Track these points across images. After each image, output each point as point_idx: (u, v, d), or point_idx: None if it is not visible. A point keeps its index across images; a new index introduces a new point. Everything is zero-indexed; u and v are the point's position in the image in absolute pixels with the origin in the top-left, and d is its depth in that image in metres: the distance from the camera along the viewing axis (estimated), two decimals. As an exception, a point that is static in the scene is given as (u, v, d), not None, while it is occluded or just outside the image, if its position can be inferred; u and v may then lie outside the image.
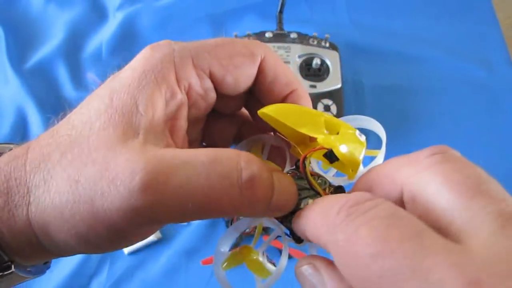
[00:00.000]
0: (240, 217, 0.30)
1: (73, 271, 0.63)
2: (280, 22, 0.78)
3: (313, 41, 0.76)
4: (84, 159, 0.24)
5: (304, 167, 0.27)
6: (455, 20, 0.88)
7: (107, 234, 0.24)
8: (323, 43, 0.76)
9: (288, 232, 0.28)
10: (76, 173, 0.23)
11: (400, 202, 0.22)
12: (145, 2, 0.91)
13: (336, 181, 0.29)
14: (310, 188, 0.28)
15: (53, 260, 0.64)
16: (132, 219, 0.23)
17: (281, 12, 0.78)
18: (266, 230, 0.64)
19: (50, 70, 0.82)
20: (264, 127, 0.32)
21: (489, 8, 0.90)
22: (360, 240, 0.18)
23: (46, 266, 0.30)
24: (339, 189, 0.28)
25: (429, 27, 0.87)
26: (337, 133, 0.27)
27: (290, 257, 0.66)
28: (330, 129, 0.28)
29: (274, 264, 0.30)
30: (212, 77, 0.28)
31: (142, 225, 0.24)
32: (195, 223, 0.67)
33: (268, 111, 0.28)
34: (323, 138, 0.26)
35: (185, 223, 0.67)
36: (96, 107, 0.26)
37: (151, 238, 0.65)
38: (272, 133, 0.33)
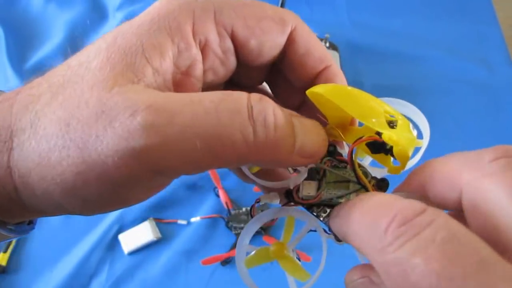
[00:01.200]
0: (261, 207, 0.28)
1: (73, 271, 0.63)
2: (280, 22, 0.78)
3: (313, 41, 0.76)
4: (76, 100, 0.21)
5: (352, 158, 0.25)
6: (455, 20, 0.88)
7: (97, 184, 0.21)
8: (323, 43, 0.76)
9: (327, 228, 0.26)
10: (67, 115, 0.21)
11: (458, 205, 0.21)
12: (145, 2, 0.91)
13: (373, 172, 0.27)
14: (352, 181, 0.26)
15: (53, 260, 0.65)
16: (130, 166, 0.20)
17: (281, 12, 0.78)
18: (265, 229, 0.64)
19: (50, 70, 0.82)
20: (286, 106, 0.31)
21: (489, 8, 0.90)
22: (416, 272, 0.16)
23: (30, 226, 0.28)
24: (383, 183, 0.26)
25: (429, 27, 0.87)
26: (392, 124, 0.24)
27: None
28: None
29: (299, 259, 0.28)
30: (234, 38, 0.25)
31: (141, 177, 0.21)
32: (195, 223, 0.67)
33: (325, 93, 0.24)
34: (388, 135, 0.24)
35: (185, 223, 0.67)
36: (97, 46, 0.23)
37: (151, 238, 0.65)
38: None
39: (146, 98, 0.21)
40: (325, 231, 0.26)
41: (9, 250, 0.65)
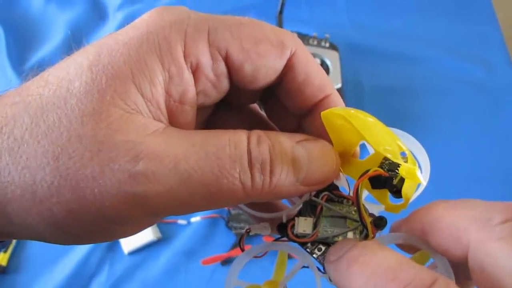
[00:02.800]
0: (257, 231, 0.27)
1: (73, 271, 0.63)
2: (280, 22, 0.78)
3: (313, 41, 0.76)
4: (65, 132, 0.19)
5: (358, 194, 0.23)
6: (455, 20, 0.88)
7: (89, 222, 0.20)
8: (323, 43, 0.76)
9: (321, 267, 0.25)
10: (55, 148, 0.19)
11: (461, 260, 0.20)
12: (145, 2, 0.91)
13: (369, 208, 0.26)
14: (349, 218, 0.25)
15: (53, 260, 0.65)
16: (129, 209, 0.20)
17: (281, 12, 0.78)
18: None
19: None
20: (279, 126, 0.29)
21: (489, 8, 0.90)
22: None
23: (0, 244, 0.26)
24: (381, 221, 0.25)
25: (429, 27, 0.87)
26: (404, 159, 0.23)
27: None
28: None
29: None
30: (228, 61, 0.23)
31: (139, 218, 0.22)
32: (196, 223, 0.67)
33: (346, 114, 0.23)
34: (408, 168, 0.22)
35: (186, 223, 0.67)
36: (79, 62, 0.21)
37: (151, 238, 0.65)
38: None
39: (148, 142, 0.20)
40: (319, 269, 0.25)
41: (9, 250, 0.65)
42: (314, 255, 0.25)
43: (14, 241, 0.66)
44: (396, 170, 0.24)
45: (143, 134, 0.20)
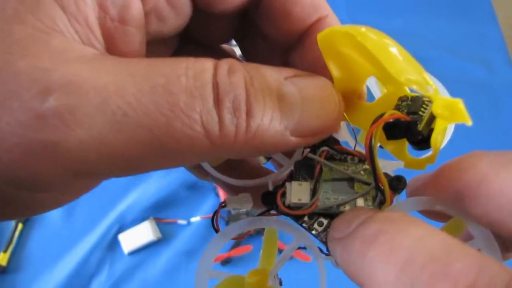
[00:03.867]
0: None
1: (73, 271, 0.63)
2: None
3: (313, 41, 0.76)
4: None
5: (372, 146, 0.17)
6: (455, 20, 0.88)
7: None
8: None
9: (323, 247, 0.19)
10: None
11: None
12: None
13: (383, 166, 0.20)
14: (358, 179, 0.19)
15: (53, 260, 0.65)
16: (39, 166, 0.14)
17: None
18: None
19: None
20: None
21: (489, 8, 0.90)
22: None
23: None
24: (399, 183, 0.19)
25: (429, 27, 0.87)
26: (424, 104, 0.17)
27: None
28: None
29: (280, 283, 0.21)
30: None
31: (56, 179, 0.15)
32: (196, 223, 0.67)
33: (354, 32, 0.17)
34: (445, 102, 0.16)
35: (186, 223, 0.67)
36: None
37: (151, 238, 0.65)
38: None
39: (64, 69, 0.14)
40: (320, 250, 0.19)
41: (9, 250, 0.65)
42: (314, 232, 0.19)
43: (14, 241, 0.66)
44: (421, 112, 0.17)
45: (61, 59, 0.15)
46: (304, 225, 0.20)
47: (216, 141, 0.16)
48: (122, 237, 0.66)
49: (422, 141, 0.18)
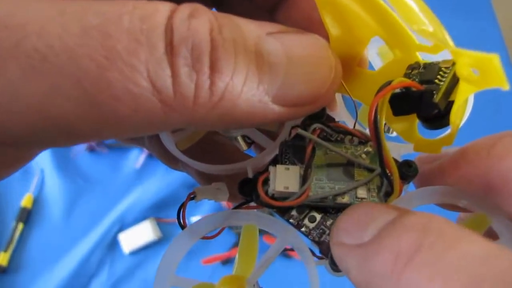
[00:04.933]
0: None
1: (73, 271, 0.63)
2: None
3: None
4: None
5: (376, 121, 0.13)
6: (454, 20, 0.88)
7: None
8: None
9: (316, 249, 0.16)
10: None
11: None
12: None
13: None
14: (359, 164, 0.16)
15: (53, 260, 0.65)
16: None
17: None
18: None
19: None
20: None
21: (489, 9, 0.90)
22: None
23: None
24: (409, 169, 0.16)
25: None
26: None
27: (287, 256, 0.65)
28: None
29: None
30: None
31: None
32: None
33: None
34: (476, 57, 0.12)
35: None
36: None
37: (152, 237, 0.65)
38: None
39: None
40: (313, 253, 0.16)
41: (10, 250, 0.65)
42: (304, 229, 0.16)
43: (14, 241, 0.66)
44: (437, 80, 0.14)
45: None
46: (291, 220, 0.16)
47: (169, 102, 0.12)
48: (122, 237, 0.66)
49: (437, 118, 0.14)
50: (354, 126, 0.17)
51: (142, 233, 0.65)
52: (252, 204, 0.16)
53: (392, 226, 0.13)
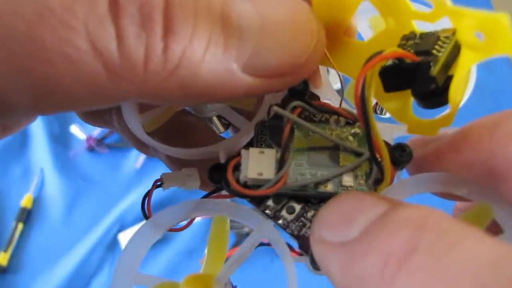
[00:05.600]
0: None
1: (73, 271, 0.64)
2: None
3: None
4: None
5: (364, 96, 0.12)
6: (455, 20, 0.89)
7: None
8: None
9: (295, 244, 0.14)
10: None
11: None
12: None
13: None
14: (344, 146, 0.14)
15: (53, 260, 0.65)
16: None
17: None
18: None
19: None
20: None
21: (489, 8, 0.90)
22: None
23: None
24: (402, 154, 0.14)
25: (428, 27, 0.87)
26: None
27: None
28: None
29: None
30: None
31: None
32: (196, 222, 0.67)
33: None
34: (473, 25, 0.11)
35: (184, 221, 0.67)
36: None
37: (151, 238, 0.65)
38: None
39: None
40: (290, 248, 0.14)
41: (10, 250, 0.65)
42: (281, 222, 0.14)
43: (14, 241, 0.66)
44: (435, 51, 0.12)
45: None
46: (267, 211, 0.14)
47: (115, 68, 0.10)
48: (122, 236, 0.66)
49: (434, 94, 0.12)
50: (340, 105, 0.15)
51: (142, 233, 0.65)
52: (224, 193, 0.15)
53: (383, 221, 0.11)
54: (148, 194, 0.16)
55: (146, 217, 0.15)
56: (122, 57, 0.10)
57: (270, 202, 0.14)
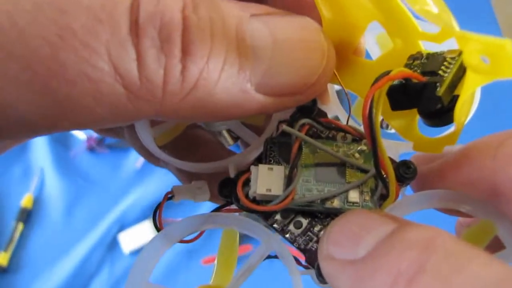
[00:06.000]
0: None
1: (73, 271, 0.63)
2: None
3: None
4: None
5: (371, 116, 0.12)
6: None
7: None
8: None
9: (302, 259, 0.15)
10: None
11: None
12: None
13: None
14: (350, 163, 0.14)
15: (53, 260, 0.65)
16: None
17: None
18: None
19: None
20: None
21: (489, 8, 0.90)
22: None
23: None
24: (407, 171, 0.14)
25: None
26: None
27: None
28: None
29: None
30: None
31: None
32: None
33: None
34: (478, 50, 0.11)
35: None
36: None
37: (151, 238, 0.65)
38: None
39: None
40: (298, 261, 0.15)
41: (10, 250, 0.65)
42: (288, 236, 0.15)
43: (14, 241, 0.66)
44: (441, 72, 0.12)
45: None
46: (275, 225, 0.15)
47: (135, 89, 0.11)
48: (122, 236, 0.66)
49: (440, 113, 0.12)
50: (347, 122, 0.16)
51: (142, 233, 0.65)
52: (234, 207, 0.15)
53: (391, 241, 0.11)
54: (159, 207, 0.17)
55: (158, 229, 0.16)
56: (142, 78, 0.11)
57: (278, 217, 0.15)
